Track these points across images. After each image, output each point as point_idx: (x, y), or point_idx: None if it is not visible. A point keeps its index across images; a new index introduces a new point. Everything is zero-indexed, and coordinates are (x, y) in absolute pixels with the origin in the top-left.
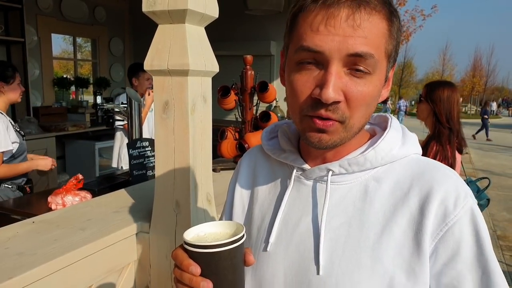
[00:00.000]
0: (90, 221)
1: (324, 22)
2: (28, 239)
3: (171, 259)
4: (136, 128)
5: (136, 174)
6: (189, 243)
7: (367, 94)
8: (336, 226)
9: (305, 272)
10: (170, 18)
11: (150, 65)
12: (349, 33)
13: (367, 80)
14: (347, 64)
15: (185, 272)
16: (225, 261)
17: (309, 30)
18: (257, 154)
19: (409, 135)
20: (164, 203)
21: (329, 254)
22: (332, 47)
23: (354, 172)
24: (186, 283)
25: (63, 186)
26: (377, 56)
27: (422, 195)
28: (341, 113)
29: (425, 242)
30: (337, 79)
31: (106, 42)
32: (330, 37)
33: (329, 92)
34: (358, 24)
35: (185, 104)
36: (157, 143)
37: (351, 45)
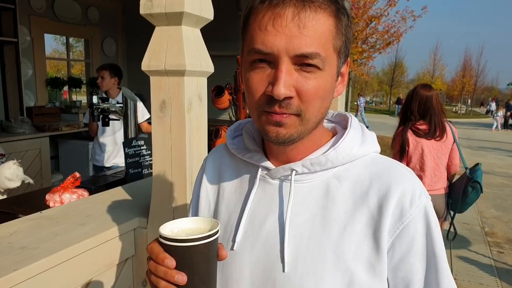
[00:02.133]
0: (90, 217)
1: (271, 22)
2: (30, 234)
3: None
4: (132, 127)
5: (132, 172)
6: (165, 237)
7: (318, 88)
8: (300, 223)
9: (270, 270)
10: (167, 20)
11: (147, 66)
12: (295, 33)
13: (317, 75)
14: (296, 62)
15: (160, 265)
16: (200, 255)
17: (258, 31)
18: (223, 152)
19: (368, 134)
20: (161, 199)
21: (294, 251)
22: (280, 47)
23: (316, 172)
24: (160, 276)
25: (61, 184)
26: (324, 54)
27: (380, 194)
28: (295, 107)
29: (383, 239)
30: (288, 76)
31: (99, 42)
32: (278, 37)
33: (280, 88)
34: (303, 23)
35: (182, 103)
36: (154, 141)
37: (297, 45)
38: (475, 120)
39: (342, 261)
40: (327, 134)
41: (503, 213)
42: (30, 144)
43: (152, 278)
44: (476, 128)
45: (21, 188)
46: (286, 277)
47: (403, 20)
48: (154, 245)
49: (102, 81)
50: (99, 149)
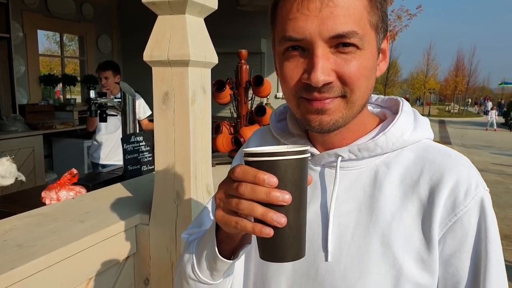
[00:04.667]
0: (88, 214)
1: (300, 7)
2: (26, 231)
3: (171, 250)
4: (131, 123)
5: (130, 169)
6: (260, 153)
7: (360, 67)
8: (346, 212)
9: (313, 258)
10: (170, 9)
11: (149, 56)
12: (326, 15)
13: (357, 54)
14: (332, 44)
15: (260, 186)
16: (300, 172)
17: (288, 19)
18: (266, 135)
19: (421, 119)
20: (164, 195)
21: (338, 241)
22: (312, 31)
23: (363, 158)
24: (261, 198)
25: (57, 181)
26: (361, 31)
27: (432, 184)
28: (338, 90)
29: (434, 231)
30: (325, 60)
31: (94, 39)
32: (309, 22)
33: (317, 75)
34: (334, 3)
35: (186, 94)
36: (156, 134)
37: (331, 26)
38: (468, 119)
39: (389, 253)
40: (373, 119)
41: (498, 210)
42: (23, 142)
43: (244, 206)
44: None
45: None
46: (329, 266)
47: (399, 19)
48: (244, 167)
49: (107, 82)
50: (97, 146)
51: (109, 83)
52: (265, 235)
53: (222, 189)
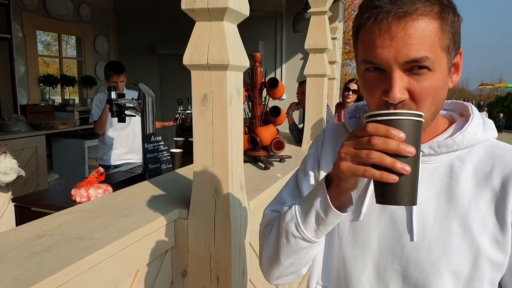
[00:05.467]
0: (129, 209)
1: (378, 36)
2: (78, 225)
3: (209, 242)
4: (150, 123)
5: (151, 167)
6: (392, 113)
7: (430, 87)
8: (426, 199)
9: (398, 239)
10: (208, 15)
11: (189, 60)
12: (401, 44)
13: (428, 75)
14: (406, 68)
15: (391, 140)
16: (418, 132)
17: (369, 46)
18: (340, 130)
19: (487, 121)
20: (203, 190)
21: (421, 223)
22: (389, 58)
23: (441, 154)
24: (392, 148)
25: (85, 179)
26: (432, 56)
27: (504, 175)
28: (408, 107)
29: (508, 217)
30: (400, 81)
31: (91, 40)
32: (386, 50)
33: (395, 94)
34: (408, 34)
35: (224, 97)
36: (195, 134)
37: (405, 54)
38: None
39: (468, 234)
40: (443, 121)
41: None
42: (26, 142)
43: (375, 155)
44: None
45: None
46: (415, 245)
47: None
48: (375, 124)
49: (122, 85)
50: (106, 148)
51: (122, 87)
52: (391, 180)
53: (347, 146)
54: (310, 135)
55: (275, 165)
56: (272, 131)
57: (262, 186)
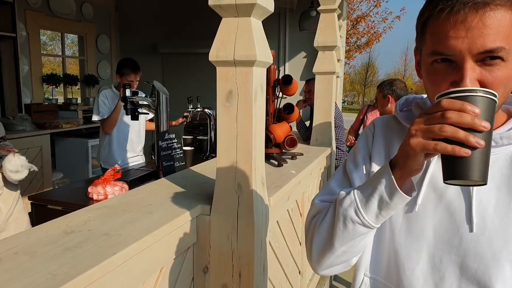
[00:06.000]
0: (152, 206)
1: (453, 27)
2: (105, 222)
3: (232, 238)
4: (164, 120)
5: (165, 165)
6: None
7: (502, 78)
8: (486, 191)
9: (456, 230)
10: (236, 11)
11: (215, 56)
12: (477, 34)
13: (501, 66)
14: (478, 58)
15: (466, 114)
16: (492, 111)
17: (440, 36)
18: (390, 122)
19: None
20: (226, 186)
21: (481, 214)
22: (463, 48)
23: (502, 145)
24: (466, 122)
25: (101, 177)
26: (508, 46)
27: None
28: None
29: None
30: (472, 72)
31: (93, 39)
32: (460, 40)
33: (466, 84)
34: (484, 24)
35: (250, 93)
36: (219, 129)
37: (480, 44)
38: None
39: None
40: (502, 114)
41: None
42: (31, 141)
43: (448, 129)
44: None
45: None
46: (474, 236)
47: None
48: (450, 99)
49: (137, 83)
50: (112, 149)
51: (136, 85)
52: (463, 154)
53: (418, 123)
54: (318, 133)
55: (287, 162)
56: (285, 128)
57: (279, 182)
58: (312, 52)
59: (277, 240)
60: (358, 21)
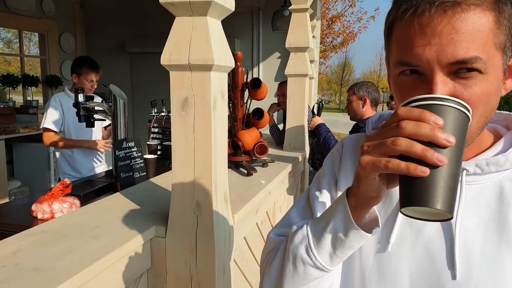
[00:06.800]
0: (99, 228)
1: (418, 32)
2: (38, 252)
3: (191, 262)
4: (122, 127)
5: (123, 176)
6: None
7: (480, 94)
8: (470, 228)
9: (436, 276)
10: (190, 10)
11: (168, 60)
12: (446, 40)
13: (478, 79)
14: (451, 70)
15: (424, 124)
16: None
17: (405, 44)
18: (362, 140)
19: None
20: (183, 205)
21: (465, 258)
22: (431, 58)
23: (489, 173)
24: (423, 134)
25: (48, 192)
26: (484, 56)
27: None
28: None
29: None
30: (443, 86)
31: (55, 37)
32: (427, 48)
33: None
34: (455, 28)
35: (208, 100)
36: (174, 142)
37: (451, 53)
38: None
39: None
40: (488, 135)
41: None
42: None
43: (401, 141)
44: None
45: None
46: (457, 285)
47: (358, 21)
48: (405, 108)
49: (95, 85)
50: (71, 160)
51: (95, 87)
52: (420, 173)
53: (372, 137)
54: (291, 138)
55: (257, 170)
56: (255, 135)
57: (246, 195)
58: (287, 53)
59: (244, 258)
60: (333, 21)
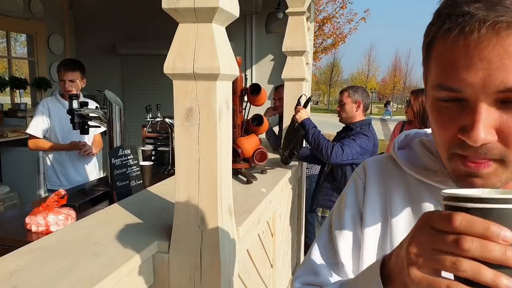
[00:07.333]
0: (99, 244)
1: (463, 54)
2: (36, 272)
3: (195, 279)
4: (117, 135)
5: (119, 185)
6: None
7: None
8: None
9: None
10: (195, 16)
11: (171, 68)
12: (496, 65)
13: None
14: (497, 98)
15: (491, 243)
16: None
17: (447, 65)
18: (388, 164)
19: None
20: (187, 219)
21: None
22: (476, 83)
23: None
24: (492, 257)
25: (42, 203)
26: None
27: None
28: (497, 152)
29: None
30: (488, 116)
31: (44, 38)
32: (473, 72)
33: (478, 134)
34: (509, 51)
35: (213, 111)
36: (178, 153)
37: (500, 79)
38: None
39: None
40: None
41: None
42: None
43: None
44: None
45: None
46: None
47: (348, 23)
48: (467, 215)
49: (72, 86)
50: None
51: (74, 87)
52: None
53: (419, 243)
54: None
55: (257, 178)
56: (254, 142)
57: (248, 206)
58: (280, 55)
59: (247, 271)
60: (324, 22)
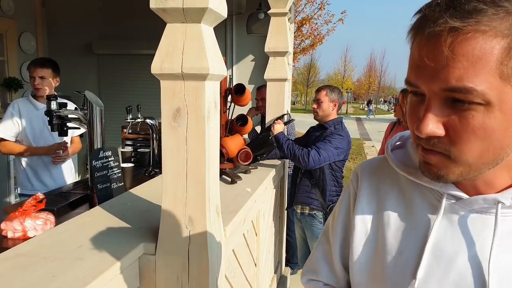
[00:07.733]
0: (83, 248)
1: (419, 52)
2: (17, 279)
3: (183, 280)
4: (98, 136)
5: (100, 187)
6: None
7: (477, 128)
8: (505, 265)
9: None
10: (183, 16)
11: (159, 69)
12: (441, 65)
13: (478, 112)
14: (449, 97)
15: None
16: None
17: (410, 62)
18: (380, 167)
19: None
20: (174, 220)
21: None
22: (425, 81)
23: None
24: None
25: (19, 208)
26: (483, 87)
27: None
28: (443, 146)
29: None
30: (438, 112)
31: (15, 37)
32: (422, 69)
33: (423, 126)
34: (454, 52)
35: (202, 111)
36: (165, 154)
37: (443, 79)
38: (381, 116)
39: None
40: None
41: None
42: None
43: None
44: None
45: None
46: None
47: (326, 24)
48: None
49: (42, 83)
50: (31, 172)
51: (45, 85)
52: None
53: None
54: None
55: (241, 178)
56: (238, 142)
57: (234, 205)
58: (261, 56)
59: (232, 271)
60: (303, 23)
